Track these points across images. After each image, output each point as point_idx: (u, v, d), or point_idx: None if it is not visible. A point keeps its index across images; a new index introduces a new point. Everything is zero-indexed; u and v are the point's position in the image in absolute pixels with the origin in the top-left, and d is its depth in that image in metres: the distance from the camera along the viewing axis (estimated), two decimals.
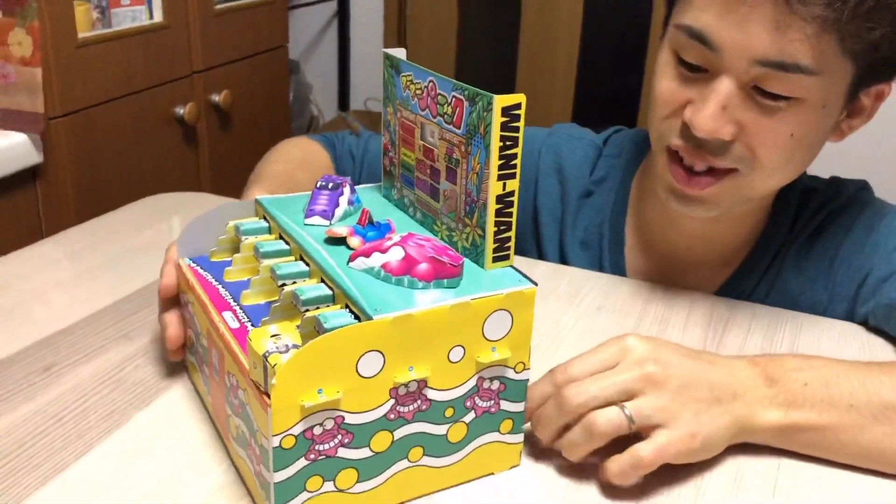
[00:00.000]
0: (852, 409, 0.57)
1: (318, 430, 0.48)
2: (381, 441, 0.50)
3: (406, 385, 0.49)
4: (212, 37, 1.63)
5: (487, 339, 0.51)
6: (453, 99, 0.54)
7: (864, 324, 0.79)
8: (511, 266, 0.55)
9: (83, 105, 1.33)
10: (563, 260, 0.90)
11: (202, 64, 1.62)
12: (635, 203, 0.87)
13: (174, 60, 1.55)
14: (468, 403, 0.53)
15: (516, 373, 0.54)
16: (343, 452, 0.49)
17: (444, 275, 0.51)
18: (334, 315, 0.49)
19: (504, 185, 0.52)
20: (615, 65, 2.43)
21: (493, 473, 0.56)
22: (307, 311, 0.51)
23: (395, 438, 0.51)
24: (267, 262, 0.57)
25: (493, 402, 0.54)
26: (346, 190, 0.62)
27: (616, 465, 0.54)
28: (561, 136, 0.92)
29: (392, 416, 0.50)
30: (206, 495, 0.54)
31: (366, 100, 2.58)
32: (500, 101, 0.49)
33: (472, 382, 0.52)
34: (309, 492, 0.49)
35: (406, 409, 0.50)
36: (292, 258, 0.58)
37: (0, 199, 1.22)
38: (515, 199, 0.53)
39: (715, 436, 0.56)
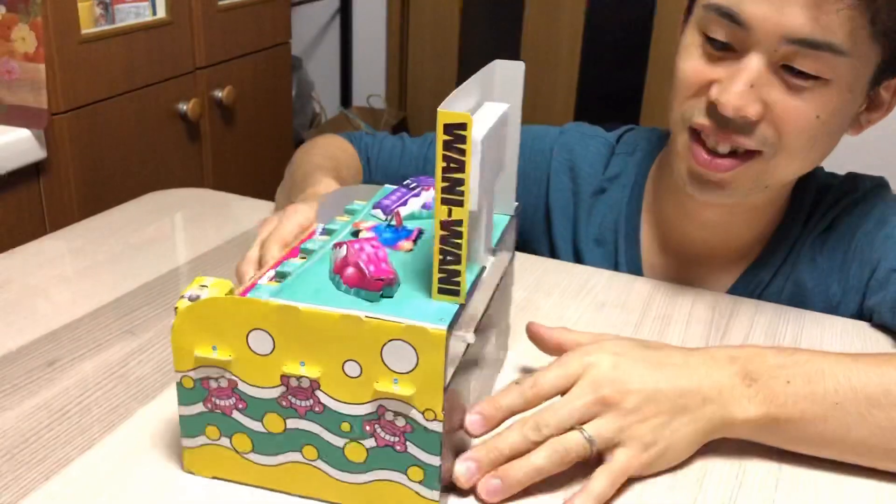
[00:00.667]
0: (837, 406, 0.56)
1: (213, 384, 0.52)
2: (274, 423, 0.52)
3: (298, 379, 0.50)
4: (215, 33, 1.63)
5: (388, 368, 0.49)
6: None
7: (870, 320, 0.79)
8: (461, 304, 0.50)
9: (86, 101, 1.33)
10: (578, 257, 0.90)
11: (205, 60, 1.62)
12: (650, 199, 0.87)
13: (177, 56, 1.55)
14: (367, 428, 0.50)
15: (425, 419, 0.49)
16: (238, 416, 0.52)
17: (363, 285, 0.50)
18: (267, 288, 0.52)
19: (449, 210, 0.47)
20: (618, 61, 2.43)
21: None
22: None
23: (287, 426, 0.52)
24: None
25: (398, 439, 0.50)
26: (425, 194, 0.63)
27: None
28: (573, 134, 0.92)
29: (284, 404, 0.51)
30: (209, 491, 0.54)
31: (368, 96, 2.58)
32: (443, 116, 0.45)
33: (371, 407, 0.50)
34: (208, 438, 0.53)
35: (299, 402, 0.51)
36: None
37: (3, 195, 1.22)
38: (464, 228, 0.48)
39: (678, 445, 0.56)
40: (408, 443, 0.50)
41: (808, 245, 0.81)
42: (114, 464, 0.56)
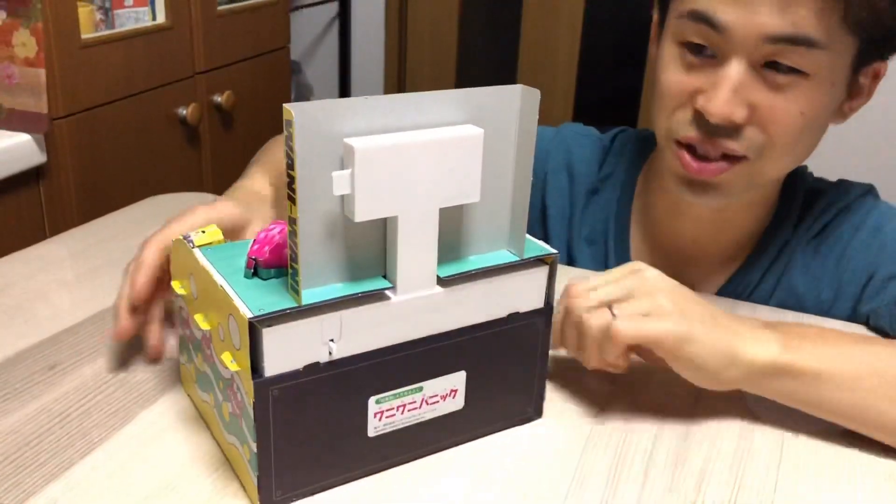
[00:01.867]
0: (846, 363, 0.61)
1: (183, 314, 0.60)
2: (200, 362, 0.58)
3: (202, 330, 0.55)
4: (214, 38, 1.63)
5: (231, 342, 0.50)
6: None
7: (866, 323, 0.79)
8: (301, 306, 0.49)
9: (86, 106, 1.34)
10: (570, 257, 0.90)
11: (204, 65, 1.62)
12: (641, 199, 0.88)
13: (177, 61, 1.55)
14: (228, 392, 0.53)
15: (247, 403, 0.50)
16: (191, 347, 0.60)
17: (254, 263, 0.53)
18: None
19: (290, 207, 0.47)
20: (616, 63, 2.44)
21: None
22: None
23: (205, 370, 0.57)
24: None
25: (239, 412, 0.52)
26: None
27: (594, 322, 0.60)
28: (568, 134, 0.93)
29: (206, 350, 0.56)
30: (209, 494, 0.54)
31: None
32: (285, 111, 0.45)
33: (225, 373, 0.53)
34: (183, 359, 0.63)
35: (207, 351, 0.56)
36: None
37: (4, 199, 1.22)
38: (297, 228, 0.47)
39: (707, 343, 0.59)
40: (242, 419, 0.52)
41: (801, 250, 0.82)
42: (114, 467, 0.56)
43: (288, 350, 0.49)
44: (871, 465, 0.60)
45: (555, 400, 0.65)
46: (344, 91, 2.61)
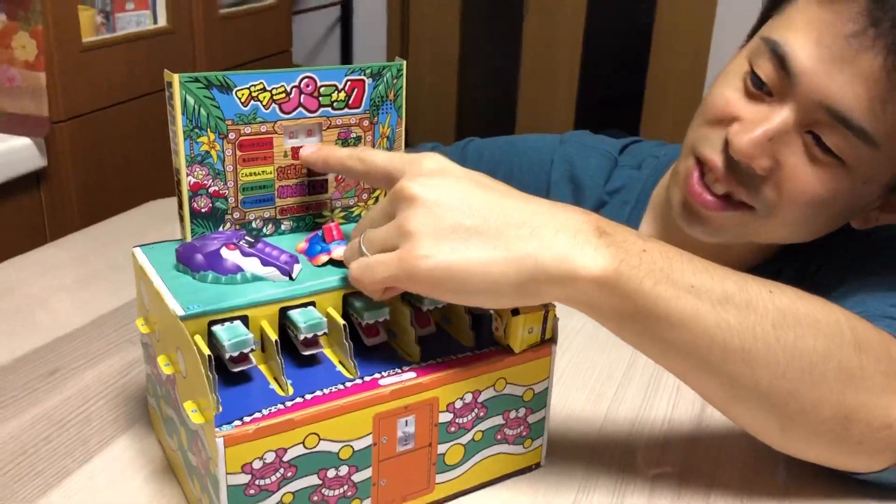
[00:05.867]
0: (692, 290, 0.47)
1: (149, 351, 0.57)
2: (163, 406, 0.55)
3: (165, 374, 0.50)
4: (216, 41, 1.63)
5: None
6: (348, 83, 0.57)
7: None
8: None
9: (87, 109, 1.33)
10: None
11: (206, 68, 1.62)
12: (650, 217, 0.85)
13: (178, 65, 1.54)
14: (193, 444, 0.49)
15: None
16: (157, 385, 0.56)
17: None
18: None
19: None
20: (618, 68, 2.44)
21: None
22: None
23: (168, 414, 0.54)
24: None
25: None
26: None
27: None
28: (573, 144, 0.91)
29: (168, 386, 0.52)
30: None
31: None
32: (166, 76, 0.53)
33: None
34: (150, 396, 0.62)
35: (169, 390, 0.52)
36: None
37: (4, 203, 1.21)
38: (182, 178, 0.54)
39: (472, 266, 0.45)
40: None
41: (798, 280, 0.78)
42: (113, 476, 0.55)
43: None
44: None
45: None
46: None
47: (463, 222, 0.46)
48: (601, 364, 0.70)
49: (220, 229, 0.56)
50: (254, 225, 0.58)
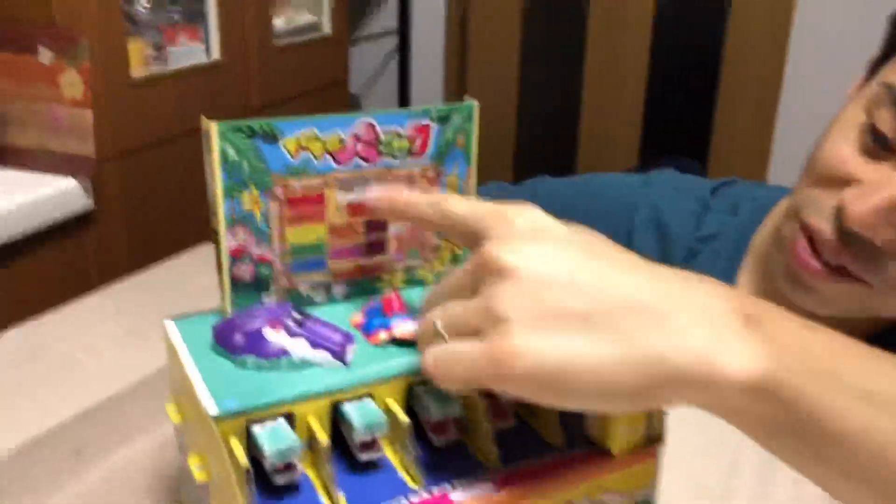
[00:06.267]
0: (868, 397, 0.36)
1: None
2: None
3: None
4: (270, 73, 1.58)
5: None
6: (413, 128, 0.49)
7: None
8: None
9: (136, 146, 1.28)
10: None
11: (260, 101, 1.57)
12: (751, 269, 0.75)
13: (231, 98, 1.49)
14: None
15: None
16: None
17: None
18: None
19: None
20: (686, 93, 2.34)
21: None
22: None
23: None
24: None
25: None
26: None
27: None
28: (660, 187, 0.81)
29: None
30: None
31: None
32: (203, 123, 0.47)
33: None
34: None
35: None
36: None
37: (49, 248, 1.16)
38: (221, 240, 0.48)
39: (580, 365, 0.35)
40: None
41: None
42: None
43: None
44: None
45: None
46: None
47: (569, 305, 0.36)
48: (702, 448, 0.60)
49: (265, 299, 0.49)
50: (302, 292, 0.50)
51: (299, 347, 0.44)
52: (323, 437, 0.40)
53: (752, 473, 0.58)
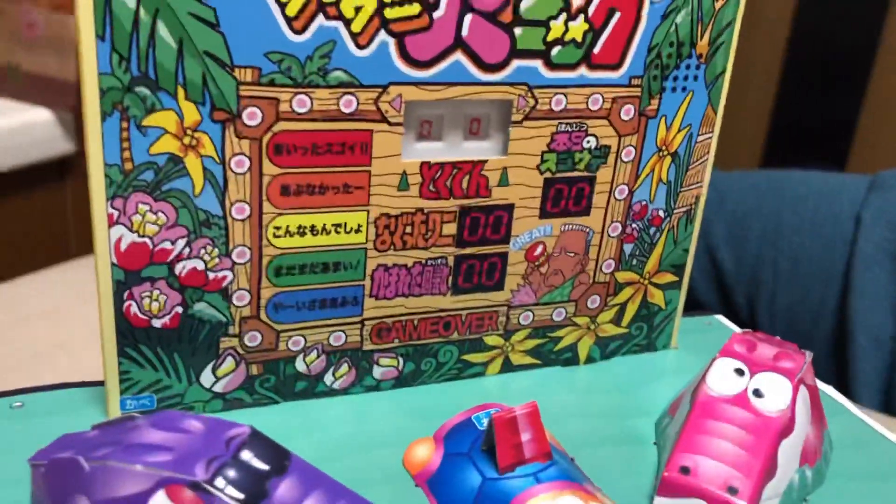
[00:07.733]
0: None
1: None
2: None
3: None
4: None
5: None
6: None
7: None
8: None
9: None
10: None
11: None
12: None
13: None
14: None
15: None
16: None
17: None
18: None
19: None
20: (826, 88, 2.24)
21: None
22: None
23: None
24: None
25: None
26: None
27: None
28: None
29: None
30: None
31: None
32: None
33: None
34: None
35: None
36: None
37: (14, 202, 0.96)
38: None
39: None
40: None
41: None
42: None
43: None
44: None
45: None
46: None
47: None
48: None
49: (177, 410, 0.35)
50: (298, 367, 0.32)
51: None
52: None
53: None
